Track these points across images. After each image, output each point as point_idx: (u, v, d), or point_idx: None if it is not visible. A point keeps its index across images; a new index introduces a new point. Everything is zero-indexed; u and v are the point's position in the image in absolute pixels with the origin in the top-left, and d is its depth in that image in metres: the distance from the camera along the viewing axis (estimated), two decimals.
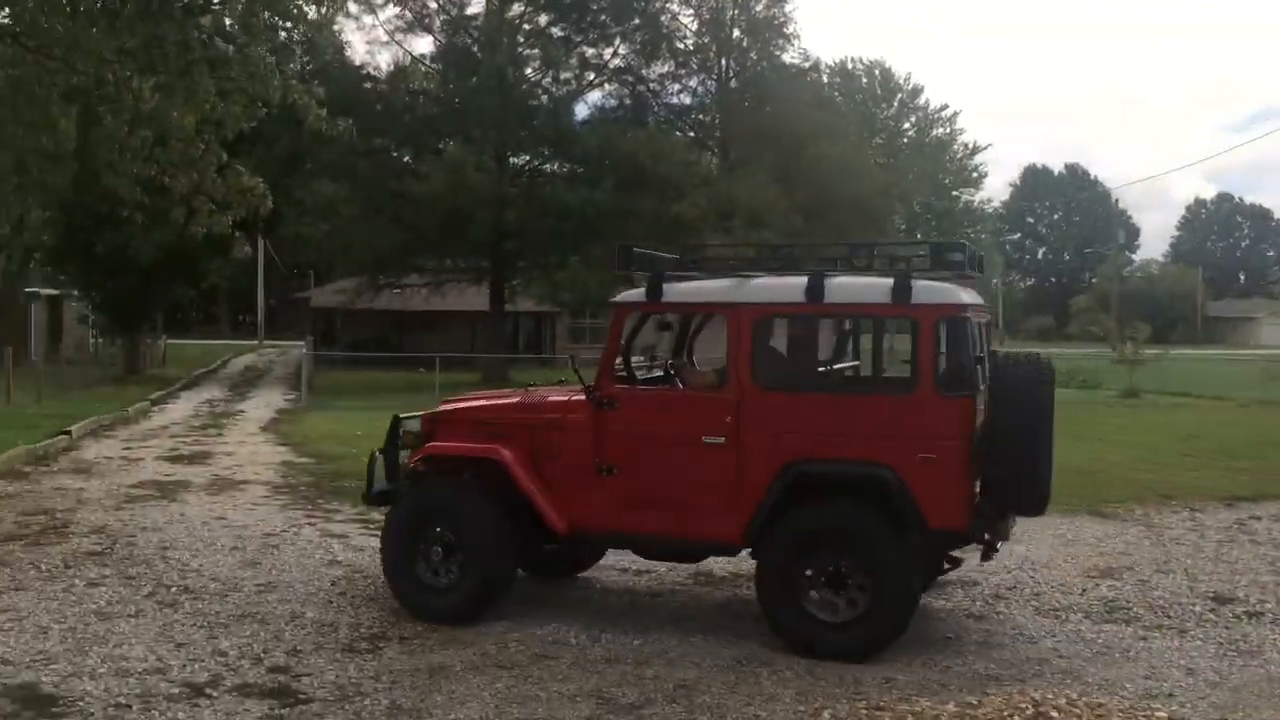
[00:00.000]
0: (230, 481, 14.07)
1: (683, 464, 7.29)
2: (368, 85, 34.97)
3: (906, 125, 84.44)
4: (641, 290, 7.67)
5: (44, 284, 42.98)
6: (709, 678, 6.49)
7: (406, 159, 35.27)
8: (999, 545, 7.50)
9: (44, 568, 8.94)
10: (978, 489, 6.89)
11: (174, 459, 16.31)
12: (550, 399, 8.06)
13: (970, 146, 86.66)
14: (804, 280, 7.15)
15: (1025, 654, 7.12)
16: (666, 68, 37.35)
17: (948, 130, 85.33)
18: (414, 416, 8.42)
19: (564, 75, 35.21)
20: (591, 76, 35.76)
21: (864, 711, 5.74)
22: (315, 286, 52.65)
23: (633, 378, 7.98)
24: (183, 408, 26.36)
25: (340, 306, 41.37)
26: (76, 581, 8.50)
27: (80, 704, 5.86)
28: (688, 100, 37.38)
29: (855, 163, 38.46)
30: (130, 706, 5.85)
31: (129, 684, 6.19)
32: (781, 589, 7.00)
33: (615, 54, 36.47)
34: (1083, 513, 12.10)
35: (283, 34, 14.38)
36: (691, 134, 37.90)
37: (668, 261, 7.93)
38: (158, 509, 11.90)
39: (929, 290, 6.97)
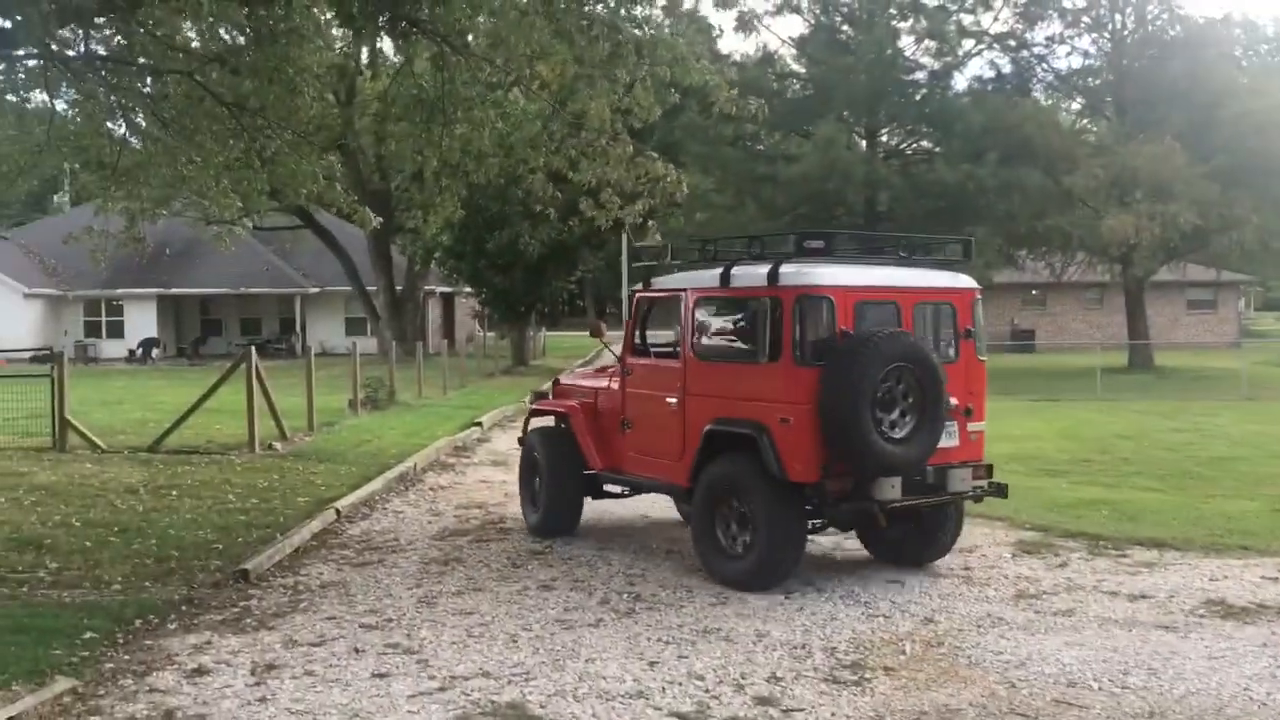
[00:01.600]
0: None
1: (661, 421, 9.00)
2: (736, 72, 34.74)
3: None
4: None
5: (439, 282, 46.29)
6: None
7: (775, 143, 34.69)
8: (883, 508, 7.90)
9: (494, 567, 8.91)
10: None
11: None
12: (609, 372, 10.21)
13: None
14: (720, 268, 8.68)
15: None
16: (1053, 29, 34.64)
17: None
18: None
19: (942, 46, 33.33)
20: (970, 45, 33.69)
21: None
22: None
23: (647, 351, 9.54)
24: None
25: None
26: (529, 584, 8.34)
27: None
28: (1076, 63, 34.48)
29: None
30: None
31: (615, 710, 5.74)
32: (700, 527, 8.55)
33: (996, 19, 34.20)
34: None
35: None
36: (1080, 100, 34.83)
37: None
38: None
39: (793, 274, 8.01)
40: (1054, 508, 11.33)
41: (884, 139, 35.18)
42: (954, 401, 8.28)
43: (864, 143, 34.50)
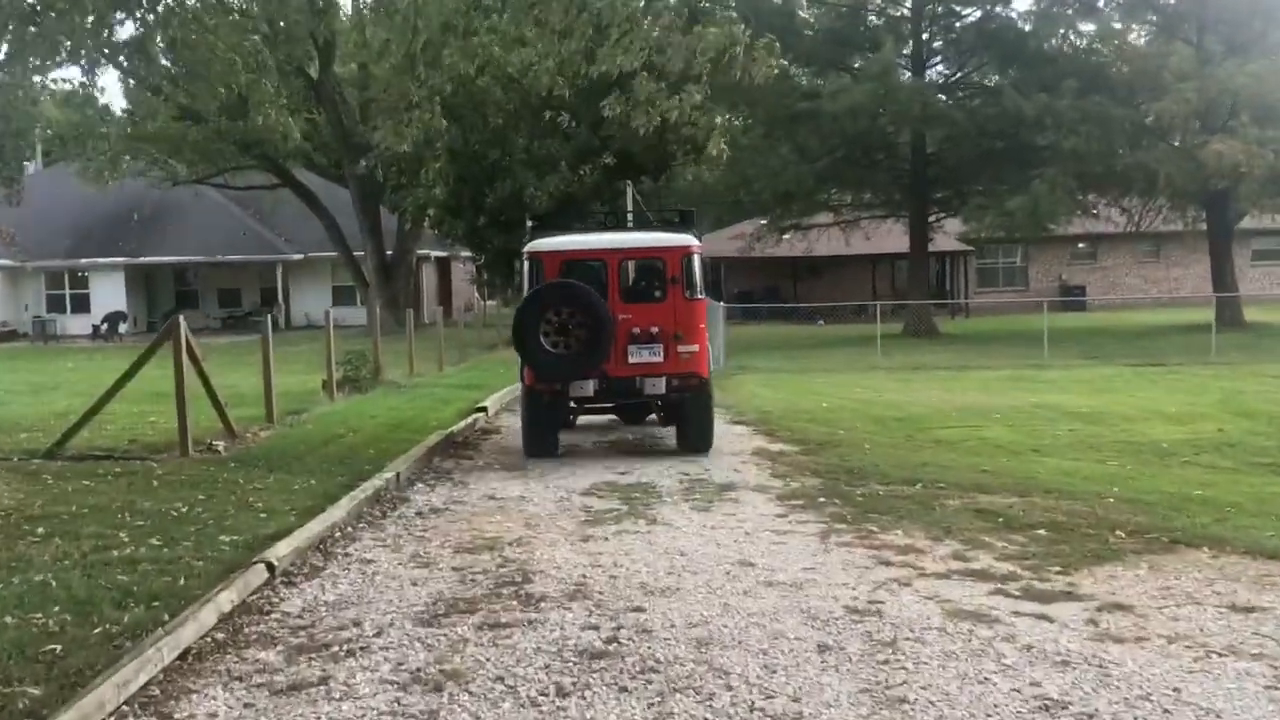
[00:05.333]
0: (706, 485, 10.06)
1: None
2: None
3: None
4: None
5: (433, 245, 42.30)
6: None
7: (810, 76, 30.57)
8: (579, 402, 12.06)
9: (525, 693, 5.04)
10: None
11: (615, 446, 12.65)
12: None
13: None
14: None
15: None
16: None
17: None
18: None
19: None
20: None
21: None
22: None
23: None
24: None
25: (737, 254, 37.24)
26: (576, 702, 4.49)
27: None
28: None
29: None
30: None
31: None
32: None
33: None
34: None
35: None
36: (1153, 19, 30.58)
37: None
38: (635, 538, 7.98)
39: (530, 244, 12.23)
40: None
41: (934, 71, 31.01)
42: (656, 330, 11.47)
43: (908, 74, 30.31)
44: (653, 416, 13.12)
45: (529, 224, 13.92)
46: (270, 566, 6.99)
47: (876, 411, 14.90)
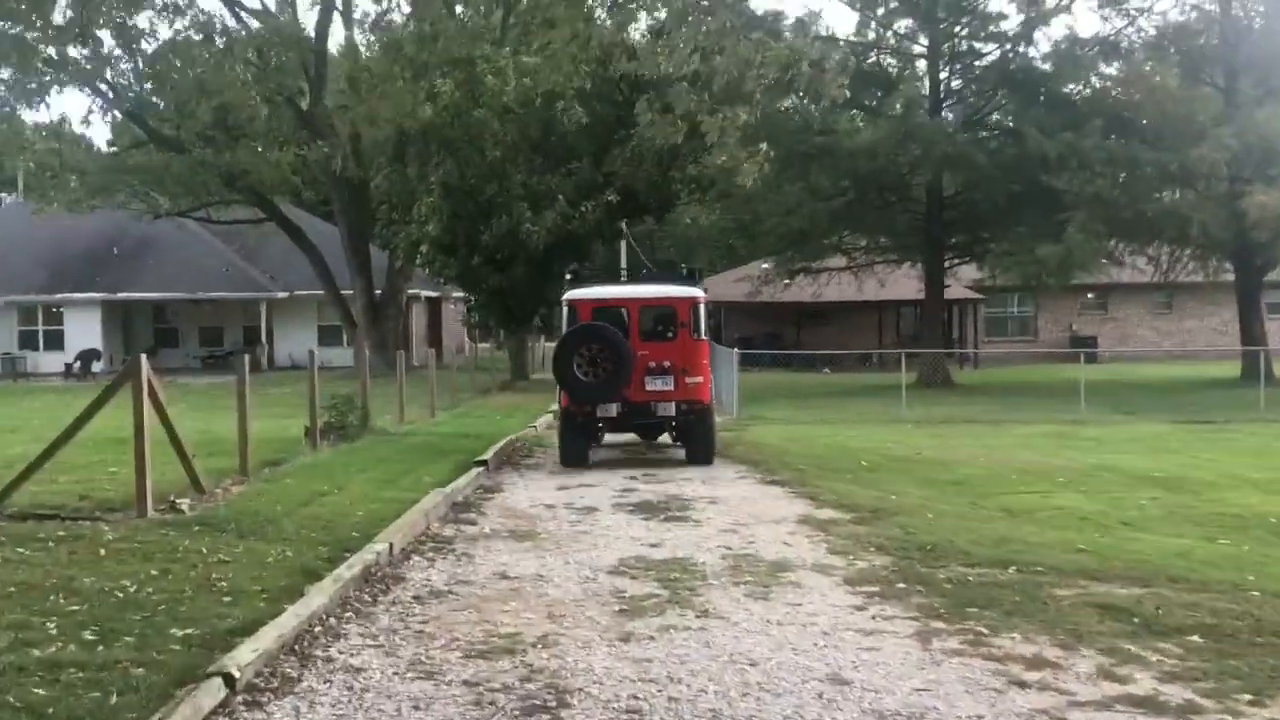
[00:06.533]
0: (758, 562, 8.51)
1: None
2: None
3: None
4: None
5: (423, 285, 40.85)
6: None
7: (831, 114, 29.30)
8: (605, 421, 14.45)
9: None
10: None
11: (638, 509, 11.08)
12: None
13: None
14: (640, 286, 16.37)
15: None
16: None
17: None
18: None
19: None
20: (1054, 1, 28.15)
21: None
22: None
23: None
24: None
25: (744, 298, 35.66)
26: None
27: None
28: (1178, 16, 29.08)
29: None
30: None
31: None
32: None
33: None
34: None
35: None
36: (1177, 64, 29.45)
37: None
38: (688, 639, 6.43)
39: (568, 295, 15.29)
40: None
41: (950, 108, 29.78)
42: (668, 364, 14.23)
43: (922, 112, 29.08)
44: (665, 437, 15.61)
45: (567, 277, 17.77)
46: (229, 680, 5.39)
47: (922, 471, 13.39)
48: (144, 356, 10.62)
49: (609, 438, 15.58)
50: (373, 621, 6.88)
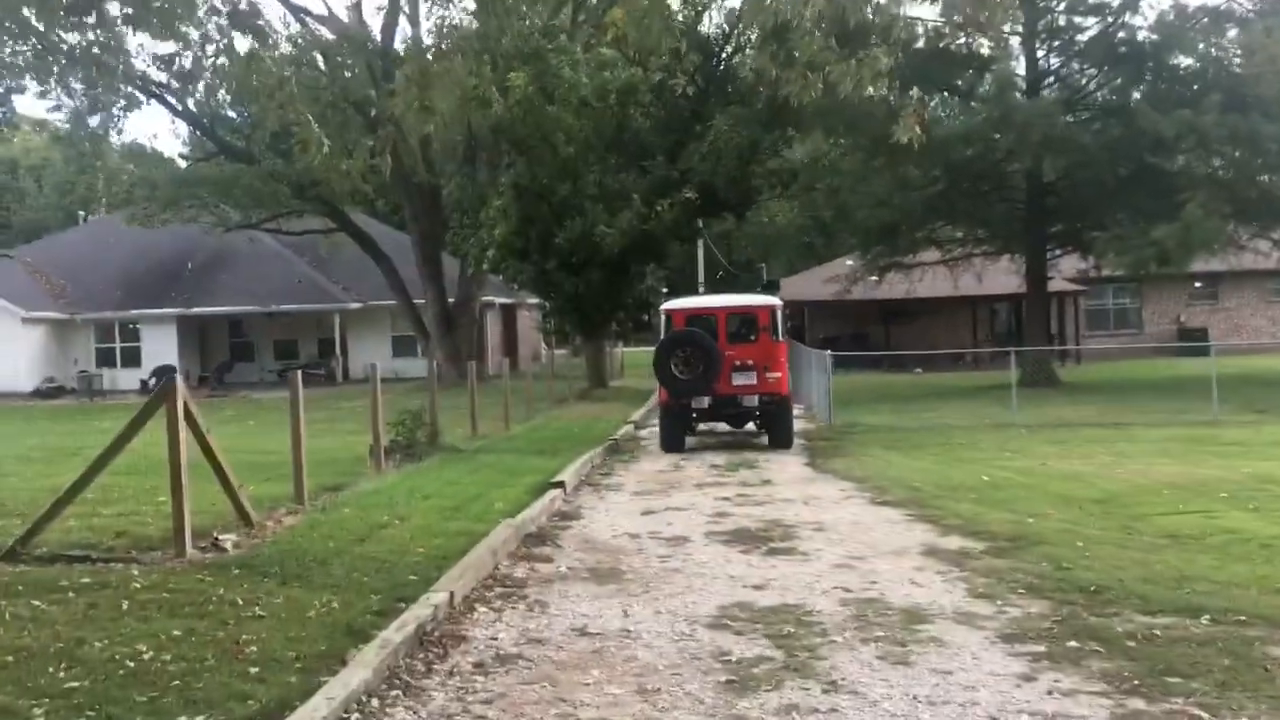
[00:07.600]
0: (886, 610, 7.10)
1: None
2: None
3: None
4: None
5: (497, 292, 39.93)
6: None
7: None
8: (699, 411, 16.93)
9: None
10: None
11: (735, 538, 9.72)
12: None
13: None
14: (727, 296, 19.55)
15: None
16: None
17: None
18: None
19: None
20: None
21: None
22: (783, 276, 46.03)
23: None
24: None
25: (828, 298, 33.95)
26: None
27: None
28: None
29: None
30: None
31: None
32: None
33: None
34: None
35: None
36: None
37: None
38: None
39: (665, 305, 18.30)
40: None
41: (1047, 89, 27.84)
42: (751, 362, 16.66)
43: (1019, 94, 27.20)
44: (750, 426, 17.72)
45: (663, 290, 19.70)
46: None
47: (1056, 488, 11.78)
48: (179, 377, 9.53)
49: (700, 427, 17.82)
50: (425, 702, 5.62)
